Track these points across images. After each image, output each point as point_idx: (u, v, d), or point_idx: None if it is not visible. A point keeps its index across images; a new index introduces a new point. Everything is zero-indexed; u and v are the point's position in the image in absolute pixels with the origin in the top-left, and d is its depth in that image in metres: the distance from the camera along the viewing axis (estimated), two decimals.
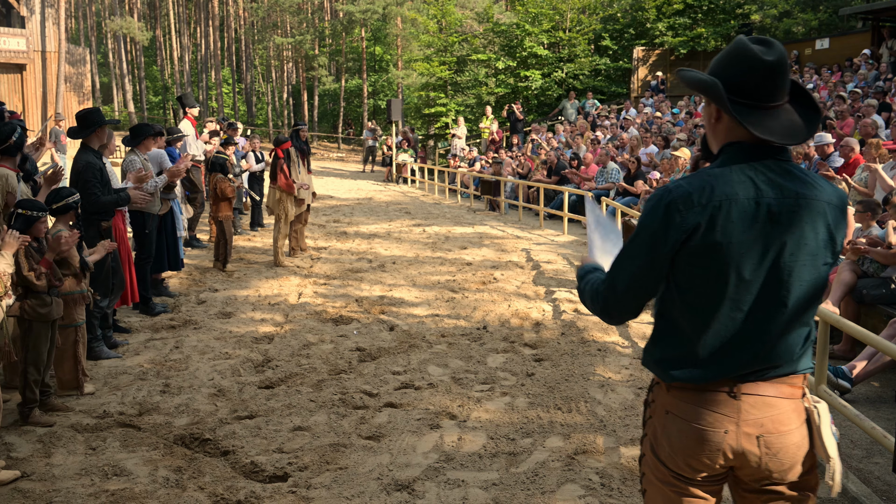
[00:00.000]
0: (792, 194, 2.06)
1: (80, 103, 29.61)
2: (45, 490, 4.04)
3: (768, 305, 2.08)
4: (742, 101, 2.07)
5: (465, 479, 4.22)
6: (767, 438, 2.09)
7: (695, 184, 2.06)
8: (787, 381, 2.13)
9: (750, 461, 2.11)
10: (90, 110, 6.64)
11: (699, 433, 2.09)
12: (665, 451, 2.16)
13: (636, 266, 2.13)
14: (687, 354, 2.13)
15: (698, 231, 2.03)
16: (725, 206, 2.02)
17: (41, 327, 4.92)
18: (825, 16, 26.79)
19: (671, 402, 2.16)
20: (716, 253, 2.03)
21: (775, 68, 2.05)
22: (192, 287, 9.06)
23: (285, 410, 5.23)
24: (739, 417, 2.09)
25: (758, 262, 2.05)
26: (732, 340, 2.09)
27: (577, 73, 26.56)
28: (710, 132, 2.21)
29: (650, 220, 2.09)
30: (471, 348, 6.75)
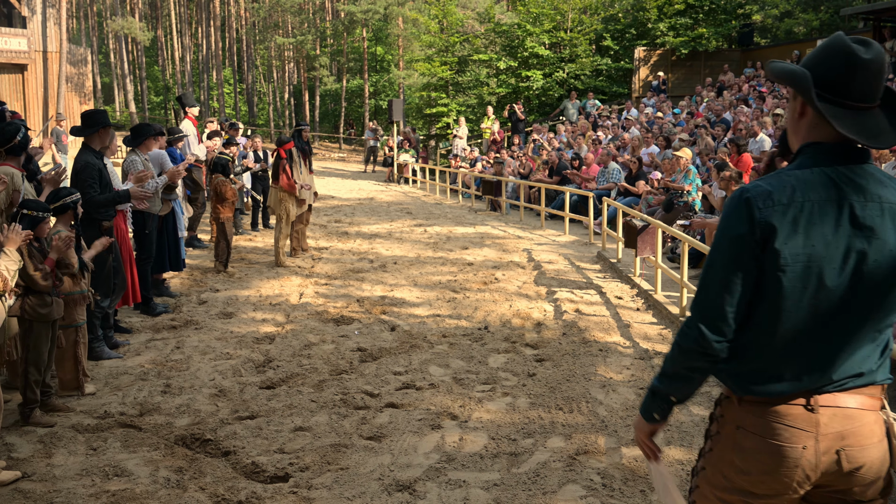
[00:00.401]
0: (875, 198, 1.97)
1: (81, 103, 29.65)
2: (45, 490, 4.04)
3: (849, 314, 1.98)
4: (830, 98, 1.97)
5: (466, 480, 4.22)
6: (849, 452, 1.99)
7: (775, 183, 1.99)
8: (867, 391, 2.03)
9: (830, 478, 2.01)
10: (96, 111, 6.68)
11: (775, 449, 1.99)
12: (736, 469, 2.06)
13: (721, 269, 2.03)
14: (766, 366, 2.03)
15: (778, 233, 1.95)
16: (807, 207, 1.94)
17: (42, 327, 4.93)
18: (826, 16, 26.79)
19: (743, 417, 2.05)
20: (796, 257, 1.95)
21: (870, 68, 1.96)
22: (194, 287, 9.07)
23: (286, 411, 5.23)
24: (818, 431, 1.98)
25: (839, 269, 1.95)
26: (812, 350, 2.00)
27: (579, 73, 26.54)
28: (792, 128, 2.12)
29: (730, 221, 2.02)
30: (472, 348, 6.75)
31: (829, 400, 2.00)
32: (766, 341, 2.03)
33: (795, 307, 1.98)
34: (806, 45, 22.79)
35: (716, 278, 2.04)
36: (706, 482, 2.15)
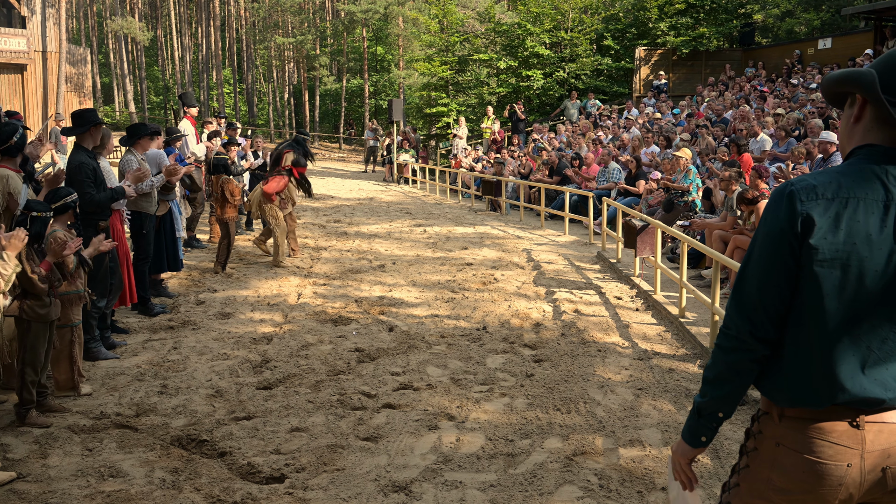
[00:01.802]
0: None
1: (80, 104, 29.62)
2: (41, 491, 4.02)
3: (889, 320, 1.92)
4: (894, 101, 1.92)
5: (462, 481, 4.20)
6: (893, 468, 1.93)
7: (820, 178, 1.96)
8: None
9: (873, 495, 1.95)
10: (85, 110, 6.65)
11: (818, 468, 1.93)
12: (774, 487, 2.00)
13: (760, 265, 1.99)
14: (808, 376, 1.97)
15: (818, 226, 1.90)
16: (852, 204, 1.90)
17: (39, 328, 4.91)
18: (827, 15, 26.74)
19: (784, 434, 1.99)
20: (836, 253, 1.90)
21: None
22: (192, 287, 9.05)
23: (283, 411, 5.21)
24: (864, 449, 1.91)
25: (882, 271, 1.89)
26: (857, 359, 1.93)
27: (579, 72, 26.51)
28: (846, 135, 2.08)
29: (772, 213, 1.99)
30: (470, 349, 6.73)
31: (875, 416, 1.93)
32: (809, 350, 1.96)
33: (834, 308, 1.91)
34: (807, 44, 22.75)
35: (754, 272, 2.00)
36: (740, 499, 2.10)
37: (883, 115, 1.94)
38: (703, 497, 4.01)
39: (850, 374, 1.92)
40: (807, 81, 18.09)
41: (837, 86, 2.09)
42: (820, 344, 1.94)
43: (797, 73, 19.74)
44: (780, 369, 2.01)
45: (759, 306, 1.98)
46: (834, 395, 1.93)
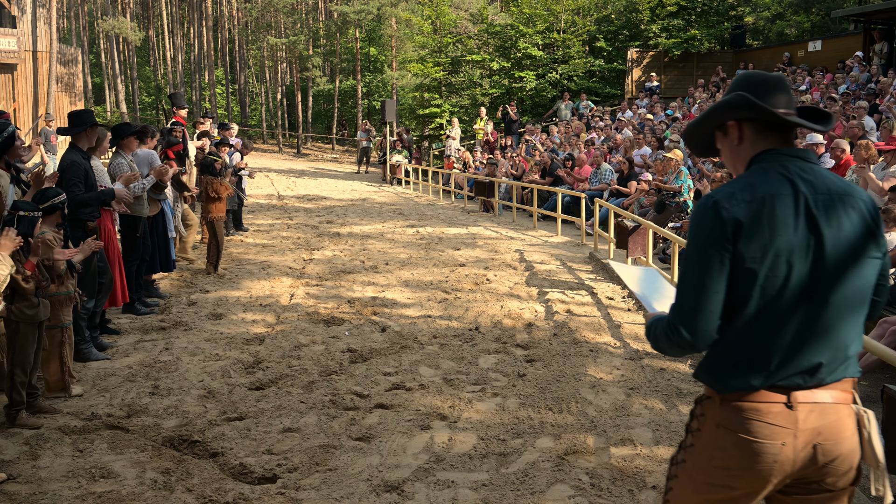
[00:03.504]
0: (825, 190, 2.13)
1: (71, 104, 29.53)
2: (31, 492, 4.01)
3: (816, 303, 2.09)
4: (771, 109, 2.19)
5: (454, 480, 4.21)
6: (825, 446, 2.09)
7: (735, 185, 2.15)
8: (840, 386, 2.13)
9: (805, 471, 2.11)
10: (83, 110, 6.63)
11: (755, 446, 2.08)
12: (715, 464, 2.14)
13: (699, 272, 2.13)
14: (743, 362, 2.12)
15: (745, 227, 2.07)
16: (768, 201, 2.09)
17: (28, 329, 4.89)
18: (817, 18, 26.88)
19: (724, 416, 2.13)
20: (764, 249, 2.07)
21: (780, 82, 2.25)
22: (183, 288, 9.03)
23: (275, 412, 5.21)
24: (797, 428, 2.08)
25: (804, 257, 2.08)
26: (787, 343, 2.09)
27: (572, 74, 26.58)
28: (735, 157, 2.29)
29: (700, 224, 2.15)
30: (462, 349, 6.73)
31: (808, 396, 2.09)
32: (744, 336, 2.13)
33: (766, 300, 2.09)
34: (797, 46, 22.87)
35: (693, 281, 2.14)
36: (686, 474, 2.24)
37: (763, 126, 2.22)
38: None
39: (782, 357, 2.10)
40: (797, 84, 18.18)
41: (706, 125, 2.34)
42: (752, 333, 2.11)
43: (787, 75, 19.82)
44: (717, 359, 2.17)
45: (700, 314, 2.13)
46: (767, 379, 2.10)
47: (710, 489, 2.17)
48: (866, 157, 8.63)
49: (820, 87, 16.79)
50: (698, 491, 2.20)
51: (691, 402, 5.36)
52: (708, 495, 2.18)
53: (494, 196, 17.63)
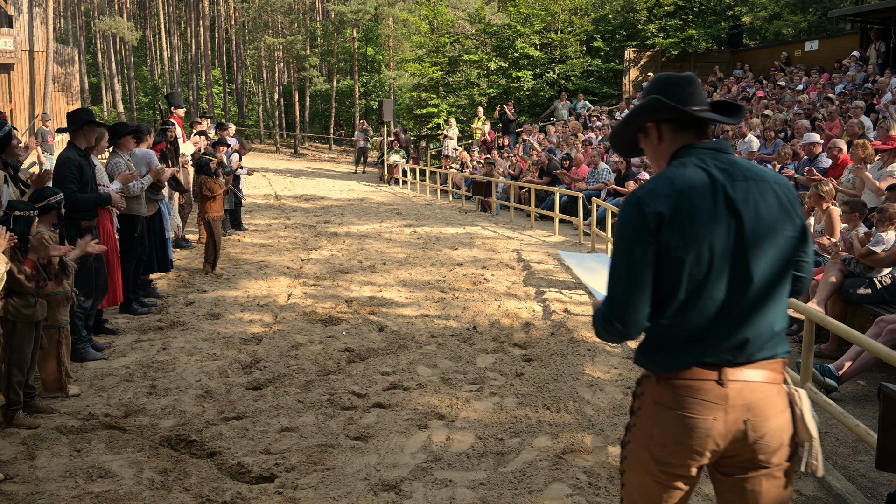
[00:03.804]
0: (740, 176, 2.27)
1: (68, 104, 29.48)
2: (28, 492, 4.01)
3: (740, 282, 2.23)
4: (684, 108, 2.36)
5: (452, 479, 4.21)
6: (754, 422, 2.22)
7: (655, 181, 2.28)
8: (770, 365, 2.27)
9: (737, 446, 2.23)
10: (81, 109, 6.63)
11: (688, 422, 2.20)
12: (655, 442, 2.26)
13: (627, 266, 2.25)
14: (674, 343, 2.25)
15: (667, 219, 2.20)
16: (686, 192, 2.22)
17: (25, 328, 4.89)
18: (814, 18, 26.90)
19: (660, 393, 2.26)
20: (686, 238, 2.19)
21: (690, 81, 2.42)
22: (181, 288, 9.02)
23: (273, 411, 5.21)
24: (727, 404, 2.20)
25: (724, 241, 2.21)
26: (713, 322, 2.23)
27: (569, 73, 26.59)
28: (658, 155, 2.45)
29: (626, 220, 2.27)
30: (460, 349, 6.74)
31: (737, 375, 2.22)
32: (672, 321, 2.25)
33: (691, 284, 2.22)
34: (794, 46, 22.89)
35: (621, 274, 2.26)
36: (633, 455, 2.36)
37: (679, 124, 2.38)
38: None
39: (711, 336, 2.23)
40: (794, 83, 18.20)
41: (626, 128, 2.49)
42: (683, 315, 2.24)
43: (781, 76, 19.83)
44: (652, 342, 2.30)
45: (630, 306, 2.25)
46: (698, 357, 2.23)
47: (653, 466, 2.28)
48: (863, 157, 8.65)
49: (817, 87, 16.81)
50: (645, 470, 2.31)
51: None
52: (652, 473, 2.29)
53: (492, 196, 17.63)
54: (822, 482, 4.17)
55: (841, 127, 11.99)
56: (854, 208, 6.98)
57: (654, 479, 2.30)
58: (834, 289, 6.53)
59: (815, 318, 4.61)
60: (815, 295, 6.61)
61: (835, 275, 6.56)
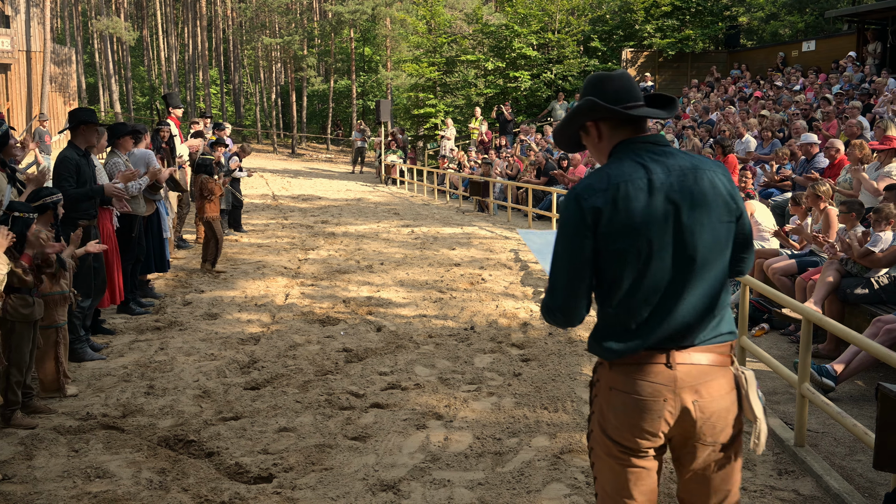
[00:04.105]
0: (676, 167, 2.37)
1: (65, 104, 29.44)
2: (26, 492, 4.01)
3: (682, 271, 2.34)
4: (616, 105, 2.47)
5: (450, 479, 4.22)
6: (702, 403, 2.34)
7: (593, 177, 2.40)
8: (716, 348, 2.38)
9: (686, 426, 2.35)
10: (81, 109, 6.60)
11: (641, 403, 2.32)
12: (611, 425, 2.38)
13: (566, 259, 2.37)
14: (622, 330, 2.36)
15: (605, 213, 2.30)
16: (622, 187, 2.32)
17: (23, 328, 4.88)
18: (811, 18, 26.95)
19: (614, 379, 2.38)
20: (623, 229, 2.30)
21: (622, 77, 2.52)
22: (178, 288, 9.01)
23: (271, 411, 5.21)
24: (676, 386, 2.32)
25: (662, 230, 2.31)
26: (658, 309, 2.34)
27: (566, 74, 26.59)
28: (599, 151, 2.55)
29: (566, 215, 2.39)
30: (458, 349, 6.74)
31: (685, 358, 2.34)
32: (620, 309, 2.36)
33: (634, 273, 2.32)
34: (791, 46, 22.91)
35: (561, 267, 2.39)
36: (596, 442, 2.47)
37: (616, 122, 2.47)
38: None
39: (657, 322, 2.33)
40: (791, 84, 18.23)
41: (567, 128, 2.59)
42: (629, 304, 2.34)
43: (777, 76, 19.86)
44: (602, 331, 2.41)
45: (571, 299, 2.39)
46: (646, 342, 2.33)
47: (614, 449, 2.40)
48: (860, 157, 8.66)
49: (814, 87, 16.83)
50: (607, 454, 2.43)
51: None
52: (614, 456, 2.41)
53: (489, 196, 17.64)
54: (820, 482, 4.18)
55: (838, 127, 12.00)
56: (851, 208, 6.99)
57: (617, 462, 2.41)
58: (831, 289, 6.54)
59: (814, 319, 4.61)
60: (812, 295, 6.62)
61: (832, 275, 6.57)
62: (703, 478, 2.43)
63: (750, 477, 4.32)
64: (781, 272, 7.49)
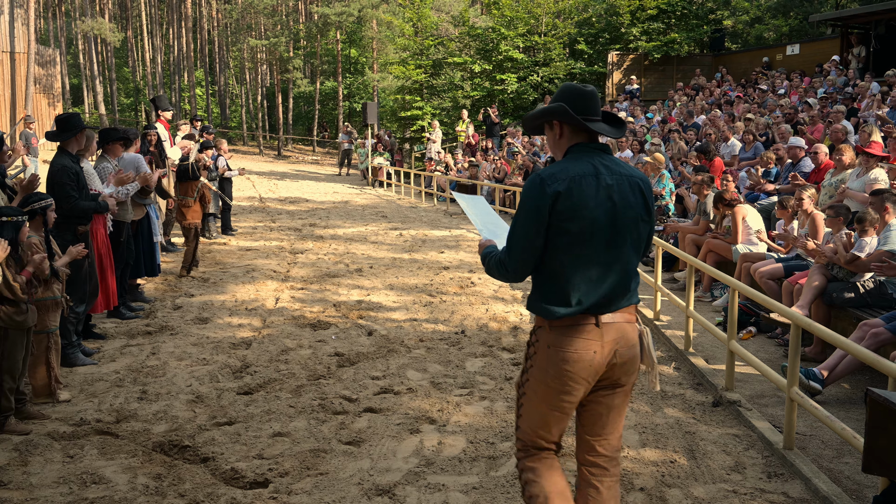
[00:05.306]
0: (617, 173, 2.99)
1: (50, 105, 29.24)
2: (22, 499, 4.01)
3: (613, 253, 2.94)
4: (582, 116, 3.03)
5: (445, 484, 4.25)
6: (620, 351, 2.98)
7: (556, 167, 2.97)
8: (627, 310, 3.02)
9: (609, 370, 2.98)
10: (71, 115, 6.59)
11: (575, 356, 2.91)
12: (553, 376, 2.95)
13: (525, 231, 2.93)
14: (563, 296, 2.93)
15: (561, 197, 2.87)
16: (577, 179, 2.91)
17: (17, 335, 4.87)
18: (796, 22, 27.21)
19: (553, 338, 2.95)
20: (574, 213, 2.87)
21: (592, 95, 3.08)
22: (168, 292, 9.00)
23: (264, 416, 5.23)
24: (603, 340, 2.93)
25: (602, 219, 2.91)
26: (593, 280, 2.92)
27: (553, 76, 26.71)
28: (557, 146, 3.14)
29: (530, 195, 2.95)
30: (449, 353, 6.78)
31: (608, 318, 2.96)
32: (561, 278, 2.93)
33: (577, 250, 2.90)
34: (776, 50, 23.13)
35: (520, 234, 2.95)
36: (532, 391, 3.05)
37: (577, 127, 3.05)
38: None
39: (589, 291, 2.92)
40: (776, 87, 18.40)
41: (537, 120, 3.17)
42: (568, 274, 2.92)
43: (764, 79, 20.04)
44: (543, 296, 2.98)
45: (525, 260, 2.97)
46: (581, 306, 2.92)
47: (550, 396, 2.99)
48: (846, 163, 8.76)
49: (798, 91, 17.00)
50: (543, 400, 3.01)
51: (677, 405, 5.47)
52: (550, 402, 3.00)
53: None
54: (809, 485, 4.24)
55: (824, 131, 12.13)
56: (838, 213, 7.08)
57: (551, 407, 3.01)
58: (818, 293, 6.62)
59: (802, 324, 4.69)
60: (799, 299, 6.71)
61: (818, 279, 6.66)
62: (609, 413, 3.08)
63: (740, 480, 4.38)
64: (768, 276, 7.58)
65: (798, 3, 27.35)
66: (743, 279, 7.90)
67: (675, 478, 4.38)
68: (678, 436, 4.99)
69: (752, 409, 5.38)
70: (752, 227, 8.49)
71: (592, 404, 3.07)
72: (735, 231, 8.55)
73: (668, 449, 4.76)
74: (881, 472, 3.43)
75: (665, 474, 4.42)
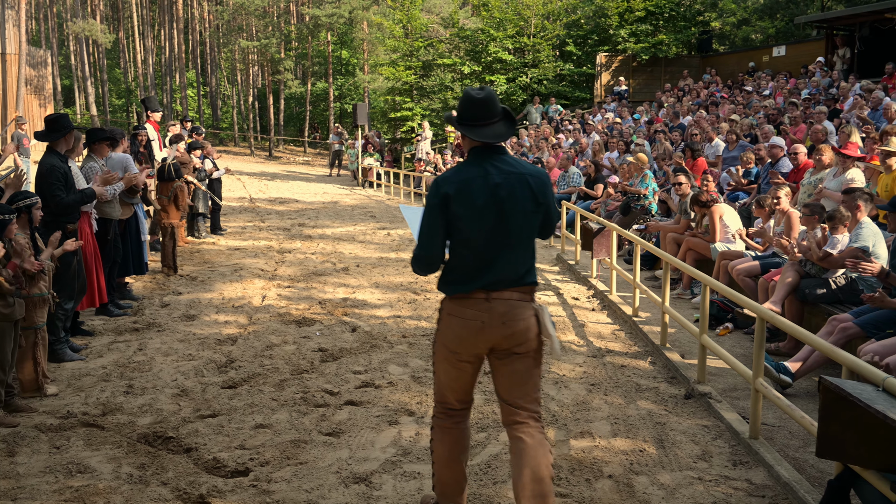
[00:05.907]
0: (506, 172, 3.42)
1: (41, 106, 29.26)
2: (9, 487, 4.13)
3: (500, 241, 3.41)
4: (468, 122, 3.48)
5: (420, 472, 4.39)
6: (507, 322, 3.43)
7: (451, 171, 3.46)
8: (520, 290, 3.48)
9: (500, 339, 3.45)
10: (59, 115, 6.71)
11: (467, 324, 3.44)
12: (449, 339, 3.51)
13: (429, 227, 3.42)
14: (460, 276, 3.46)
15: (451, 198, 3.36)
16: (466, 181, 3.39)
17: (5, 327, 4.98)
18: (782, 24, 27.45)
19: (452, 308, 3.50)
20: (465, 211, 3.36)
21: (482, 102, 3.46)
22: (156, 290, 9.11)
23: (247, 409, 5.35)
24: (491, 312, 3.41)
25: (491, 215, 3.38)
26: (483, 264, 3.41)
27: (542, 77, 26.90)
28: (464, 147, 3.58)
29: (430, 195, 3.44)
30: (431, 348, 6.89)
31: (498, 294, 3.43)
32: (461, 262, 3.45)
33: (470, 241, 3.39)
34: (762, 51, 23.35)
35: (426, 230, 3.44)
36: (438, 351, 3.60)
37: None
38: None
39: (482, 272, 3.42)
40: (761, 88, 18.60)
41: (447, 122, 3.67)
42: (465, 260, 3.44)
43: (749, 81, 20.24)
44: (447, 276, 3.51)
45: (431, 251, 3.45)
46: (475, 284, 3.42)
47: (449, 356, 3.54)
48: (827, 164, 8.92)
49: (783, 92, 17.19)
50: (445, 359, 3.57)
51: (649, 398, 5.62)
52: (449, 360, 3.54)
53: None
54: (772, 472, 4.40)
55: (806, 131, 12.31)
56: (814, 211, 7.24)
57: (450, 364, 3.55)
58: (791, 289, 6.78)
59: (767, 317, 4.84)
60: (773, 295, 6.87)
61: (791, 276, 6.82)
62: (515, 376, 3.51)
63: (706, 467, 4.53)
64: (745, 273, 7.75)
65: (784, 5, 27.60)
66: (721, 277, 8.06)
67: (642, 465, 4.53)
68: (649, 426, 5.14)
69: (723, 401, 5.54)
70: (730, 226, 8.65)
71: (497, 373, 3.56)
72: (713, 230, 8.71)
73: (638, 438, 4.91)
74: (834, 457, 3.58)
75: (633, 462, 4.57)
